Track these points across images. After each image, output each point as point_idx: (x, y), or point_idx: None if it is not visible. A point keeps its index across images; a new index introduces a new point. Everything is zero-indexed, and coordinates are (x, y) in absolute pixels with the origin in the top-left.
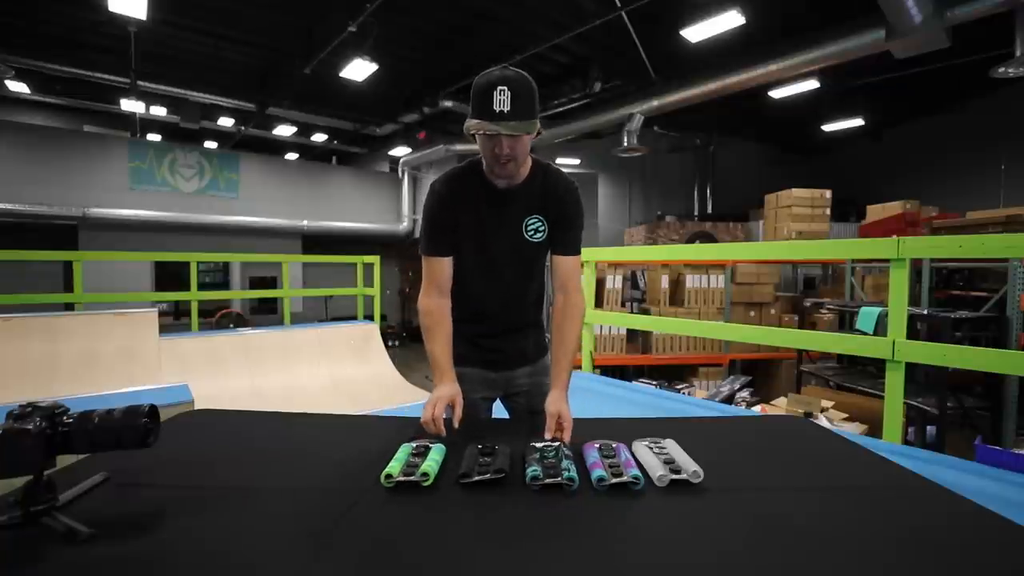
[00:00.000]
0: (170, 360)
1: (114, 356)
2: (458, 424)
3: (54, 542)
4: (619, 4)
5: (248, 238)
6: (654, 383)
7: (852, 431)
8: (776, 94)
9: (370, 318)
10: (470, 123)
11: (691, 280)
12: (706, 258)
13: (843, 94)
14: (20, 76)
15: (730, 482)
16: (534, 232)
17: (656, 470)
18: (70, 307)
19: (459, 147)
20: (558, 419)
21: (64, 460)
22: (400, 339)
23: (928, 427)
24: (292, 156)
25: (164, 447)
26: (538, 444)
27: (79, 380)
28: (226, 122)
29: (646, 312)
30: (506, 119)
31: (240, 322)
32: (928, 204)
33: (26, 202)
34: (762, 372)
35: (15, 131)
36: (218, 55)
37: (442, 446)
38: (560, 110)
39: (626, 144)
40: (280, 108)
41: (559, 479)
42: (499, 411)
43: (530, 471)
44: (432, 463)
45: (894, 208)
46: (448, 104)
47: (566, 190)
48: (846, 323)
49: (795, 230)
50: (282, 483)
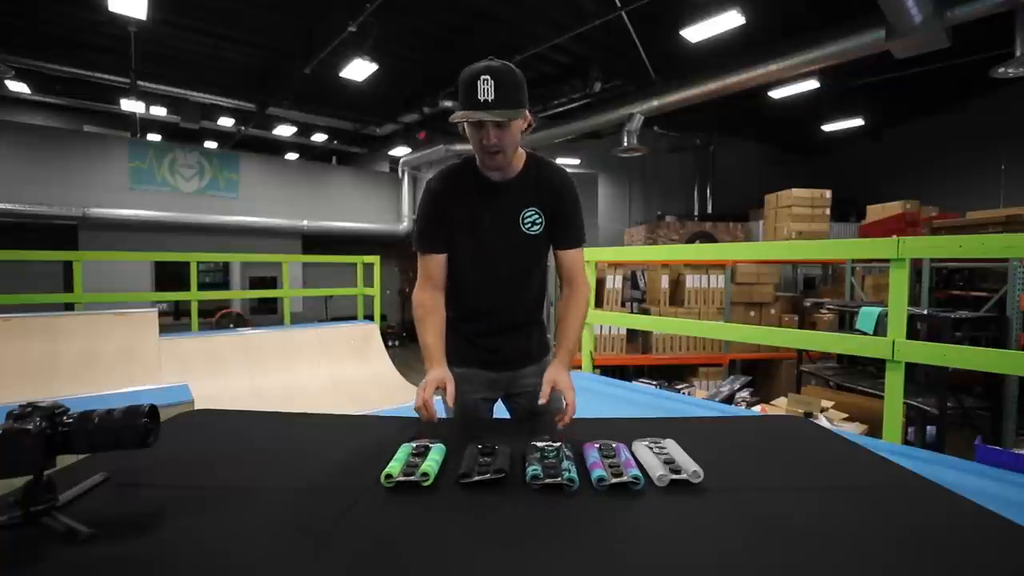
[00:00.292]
0: (170, 360)
1: (114, 356)
2: (452, 403)
3: (54, 542)
4: (619, 4)
5: (248, 238)
6: (654, 383)
7: (852, 431)
8: (776, 94)
9: (370, 318)
10: (456, 114)
11: (691, 280)
12: (706, 258)
13: (843, 94)
14: (20, 76)
15: (730, 482)
16: (531, 224)
17: (656, 470)
18: (70, 307)
19: (459, 147)
20: (553, 387)
21: (64, 460)
22: (400, 339)
23: (928, 427)
24: (292, 156)
25: (164, 447)
26: (539, 444)
27: (79, 380)
28: (226, 122)
29: (646, 312)
30: (490, 107)
31: (240, 322)
32: (928, 204)
33: (26, 202)
34: (762, 372)
35: (15, 131)
36: (218, 55)
37: (442, 446)
38: (560, 110)
39: (626, 144)
40: (280, 108)
41: (559, 479)
42: (500, 411)
43: (530, 471)
44: (432, 463)
45: (894, 208)
46: (448, 104)
47: (561, 182)
48: (846, 323)
49: (795, 230)
50: (282, 483)
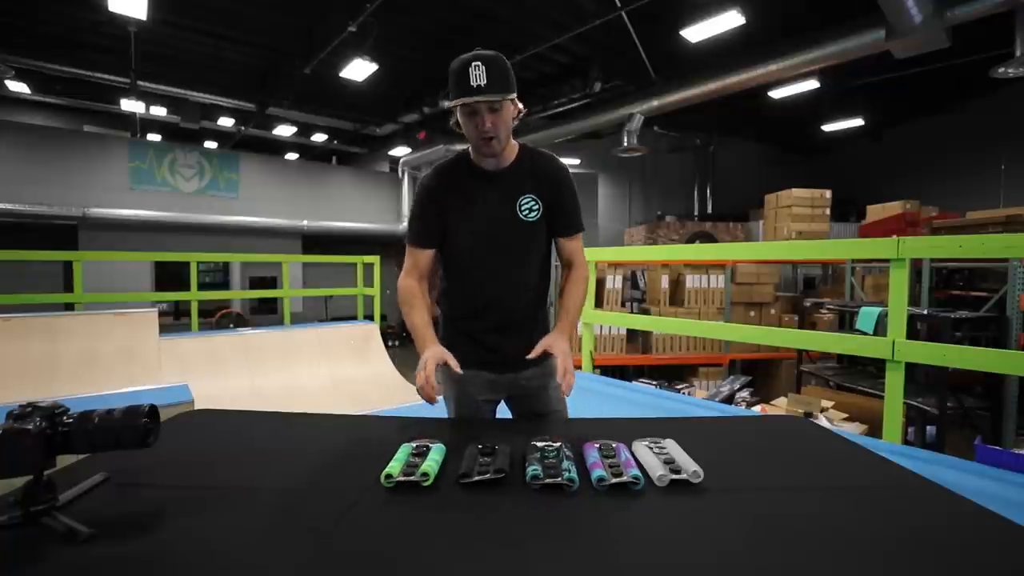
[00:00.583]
0: (170, 360)
1: (114, 356)
2: (458, 369)
3: (54, 542)
4: (619, 4)
5: (248, 238)
6: (654, 383)
7: (852, 431)
8: (776, 94)
9: (370, 318)
10: (451, 102)
11: (691, 280)
12: (706, 258)
13: (843, 94)
14: (20, 76)
15: (730, 482)
16: (528, 211)
17: (656, 470)
18: (70, 307)
19: (459, 147)
20: (547, 349)
21: (64, 460)
22: (400, 339)
23: (928, 427)
24: (292, 156)
25: (164, 447)
26: (539, 444)
27: (79, 380)
28: (226, 122)
29: (646, 312)
30: (483, 91)
31: (240, 322)
32: (928, 204)
33: (26, 202)
34: (762, 372)
35: (15, 131)
36: (218, 55)
37: (442, 446)
38: (560, 110)
39: (626, 144)
40: (280, 108)
41: (559, 479)
42: (502, 412)
43: (530, 471)
44: (432, 463)
45: (894, 208)
46: (448, 104)
47: (557, 171)
48: (846, 323)
49: (795, 230)
50: (282, 483)
